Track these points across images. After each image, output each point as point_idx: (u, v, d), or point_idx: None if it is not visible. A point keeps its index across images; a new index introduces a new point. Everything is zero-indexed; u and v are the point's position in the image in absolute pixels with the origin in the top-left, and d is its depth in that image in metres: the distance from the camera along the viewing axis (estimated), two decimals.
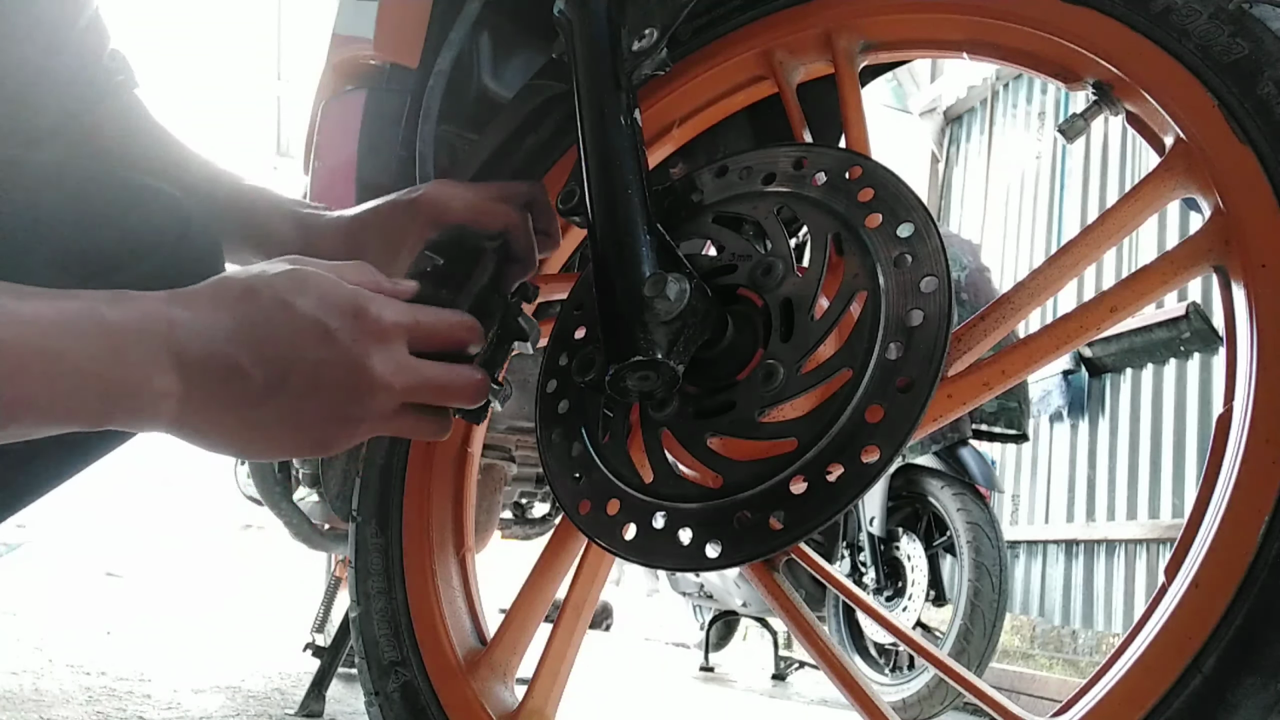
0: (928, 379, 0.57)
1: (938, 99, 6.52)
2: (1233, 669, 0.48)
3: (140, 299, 0.55)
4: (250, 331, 0.56)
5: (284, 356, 0.57)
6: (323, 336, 0.58)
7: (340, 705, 2.01)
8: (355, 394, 0.59)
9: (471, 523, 0.95)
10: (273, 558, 6.26)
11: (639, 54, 0.73)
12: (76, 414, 0.51)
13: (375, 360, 0.59)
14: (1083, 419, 4.68)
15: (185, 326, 0.55)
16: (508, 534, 2.01)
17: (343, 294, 0.60)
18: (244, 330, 0.56)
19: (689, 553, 0.62)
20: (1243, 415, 0.53)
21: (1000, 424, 3.39)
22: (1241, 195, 0.56)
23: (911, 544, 3.33)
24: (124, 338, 0.52)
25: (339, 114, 1.16)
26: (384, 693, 0.85)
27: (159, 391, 0.54)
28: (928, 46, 0.79)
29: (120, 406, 0.53)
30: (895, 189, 0.64)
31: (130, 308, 0.54)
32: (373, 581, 0.90)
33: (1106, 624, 4.26)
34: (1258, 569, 0.49)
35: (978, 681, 0.60)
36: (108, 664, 2.01)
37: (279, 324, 0.57)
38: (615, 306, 0.66)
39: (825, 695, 3.94)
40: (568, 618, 0.80)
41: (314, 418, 0.59)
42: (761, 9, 0.85)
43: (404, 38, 1.03)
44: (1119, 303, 0.61)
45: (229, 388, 0.56)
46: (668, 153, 0.94)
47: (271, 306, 0.57)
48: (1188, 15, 0.60)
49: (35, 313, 0.49)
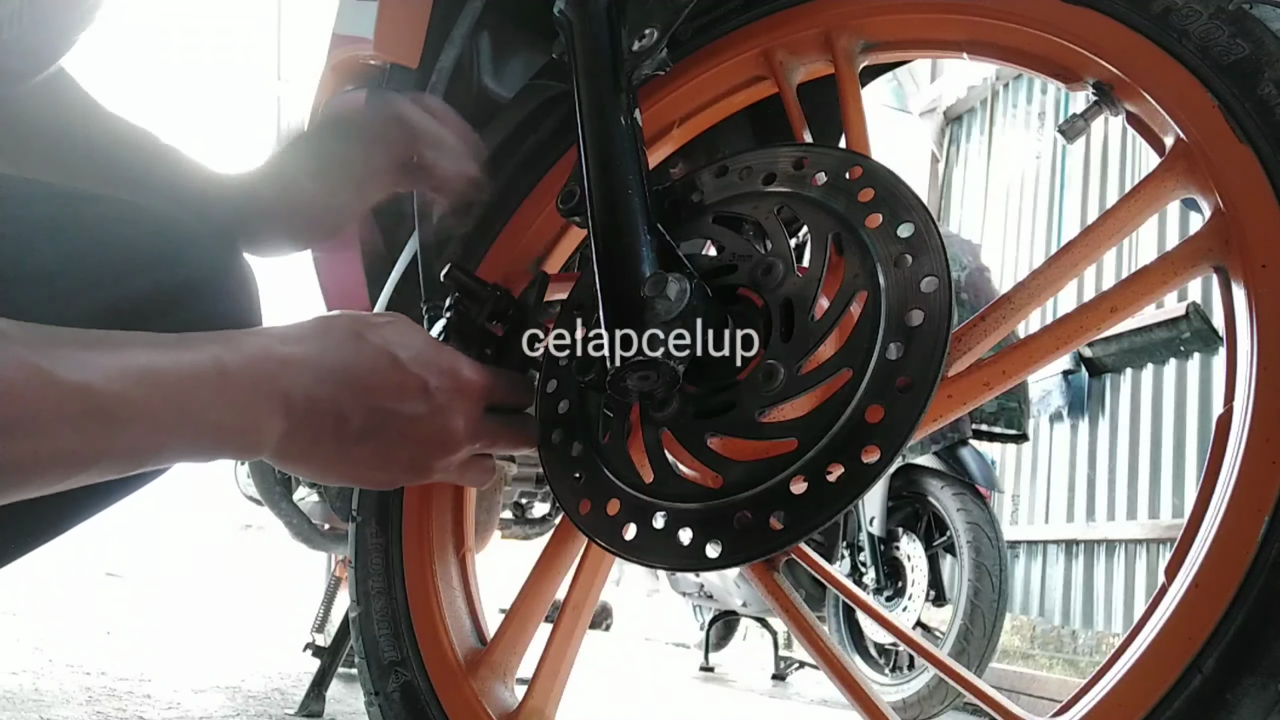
0: (928, 379, 0.57)
1: (938, 99, 6.52)
2: (1233, 669, 0.48)
3: (253, 340, 0.59)
4: (358, 380, 0.61)
5: (384, 407, 0.62)
6: (421, 392, 0.63)
7: (340, 705, 2.01)
8: (439, 448, 0.65)
9: (471, 523, 0.95)
10: (273, 558, 6.26)
11: (639, 54, 0.73)
12: (194, 455, 0.56)
13: (460, 420, 0.65)
14: (1083, 419, 4.68)
15: (295, 366, 0.59)
16: (508, 534, 2.02)
17: (442, 354, 0.66)
18: (352, 377, 0.61)
19: (689, 553, 0.62)
20: (1243, 415, 0.53)
21: (1000, 424, 3.39)
22: (1242, 195, 0.56)
23: (911, 544, 3.33)
24: (241, 388, 0.56)
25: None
26: (384, 693, 0.85)
27: (267, 431, 0.58)
28: (928, 47, 0.79)
29: (231, 446, 0.57)
30: (895, 189, 0.64)
31: (245, 352, 0.57)
32: (373, 581, 0.90)
33: (1106, 624, 4.26)
34: (1258, 569, 0.49)
35: (978, 681, 0.60)
36: (108, 664, 2.01)
37: (384, 374, 0.62)
38: (615, 306, 0.66)
39: (825, 695, 3.94)
40: (568, 618, 0.80)
41: (397, 463, 0.64)
42: (762, 9, 0.85)
43: (404, 38, 1.03)
44: (1119, 303, 0.61)
45: (329, 427, 0.60)
46: (668, 153, 0.94)
47: (378, 356, 0.62)
48: (1188, 16, 0.60)
49: (168, 367, 0.53)
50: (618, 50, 0.73)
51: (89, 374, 0.49)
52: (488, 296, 0.78)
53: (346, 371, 0.61)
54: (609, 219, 0.69)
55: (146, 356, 0.52)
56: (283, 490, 1.85)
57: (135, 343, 0.53)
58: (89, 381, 0.49)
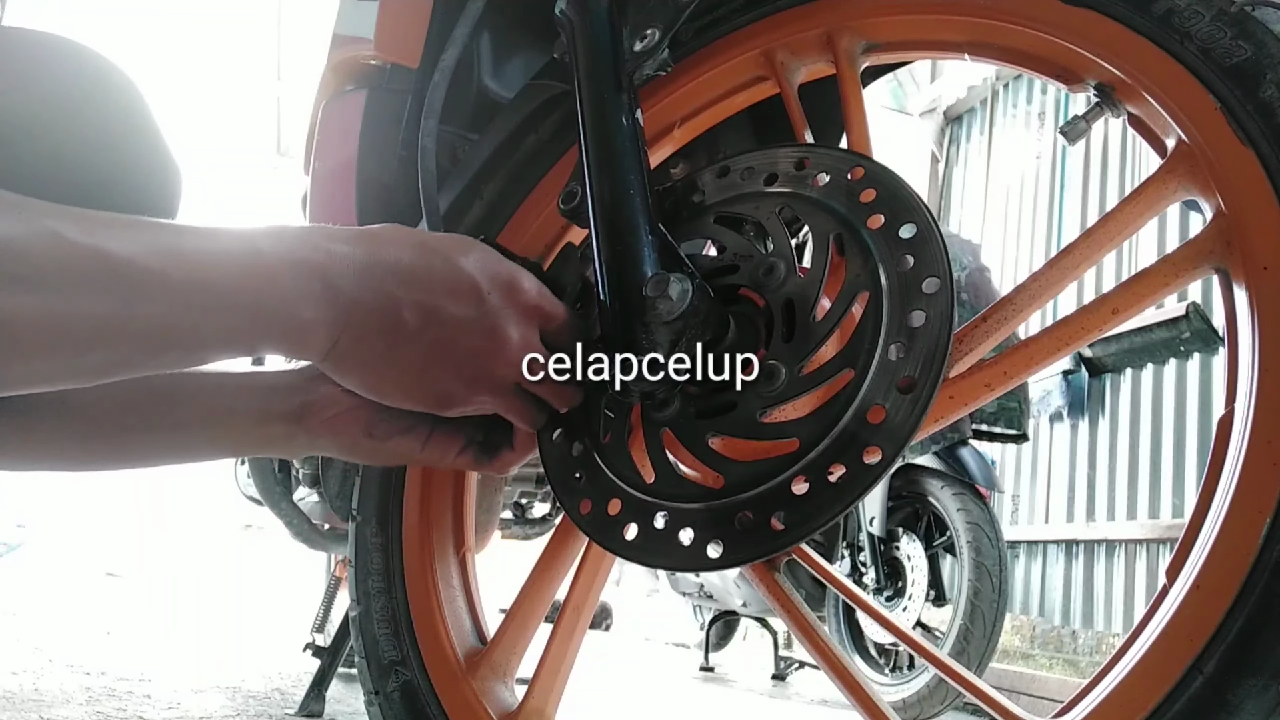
0: (930, 380, 0.57)
1: (938, 99, 6.52)
2: (1234, 671, 0.48)
3: (301, 232, 0.57)
4: (410, 274, 0.59)
5: (436, 306, 0.60)
6: (475, 295, 0.61)
7: (340, 705, 2.01)
8: (488, 357, 0.62)
9: (471, 523, 0.95)
10: (273, 558, 6.26)
11: (640, 54, 0.73)
12: (230, 343, 0.54)
13: (514, 331, 0.63)
14: (1083, 419, 4.68)
15: (345, 260, 0.57)
16: (508, 534, 2.01)
17: (503, 265, 0.64)
18: (404, 271, 0.59)
19: (690, 553, 0.62)
20: (1244, 417, 0.53)
21: (1000, 424, 3.39)
22: (1243, 197, 0.56)
23: (911, 544, 3.33)
24: (278, 269, 0.54)
25: (339, 114, 1.16)
26: (384, 692, 0.85)
27: (310, 319, 0.55)
28: (929, 48, 0.79)
29: (271, 334, 0.55)
30: (897, 190, 0.64)
31: (288, 241, 0.55)
32: (372, 581, 0.90)
33: (1106, 624, 4.26)
34: (1259, 571, 0.49)
35: (978, 681, 0.60)
36: (108, 664, 2.01)
37: (439, 274, 0.60)
38: (617, 306, 0.66)
39: (825, 695, 3.94)
40: (568, 618, 0.80)
41: (445, 370, 0.61)
42: (763, 10, 0.84)
43: (404, 38, 1.03)
44: (1120, 304, 0.61)
45: (381, 324, 0.58)
46: (669, 153, 0.94)
47: (434, 258, 0.61)
48: (1190, 17, 0.60)
49: (194, 247, 0.51)
50: (619, 50, 0.73)
51: (103, 240, 0.47)
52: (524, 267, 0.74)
53: (397, 266, 0.59)
54: (610, 219, 0.69)
55: (170, 234, 0.51)
56: (283, 490, 1.85)
57: (157, 225, 0.51)
58: (104, 246, 0.47)
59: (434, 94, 0.88)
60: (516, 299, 0.63)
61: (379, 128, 1.11)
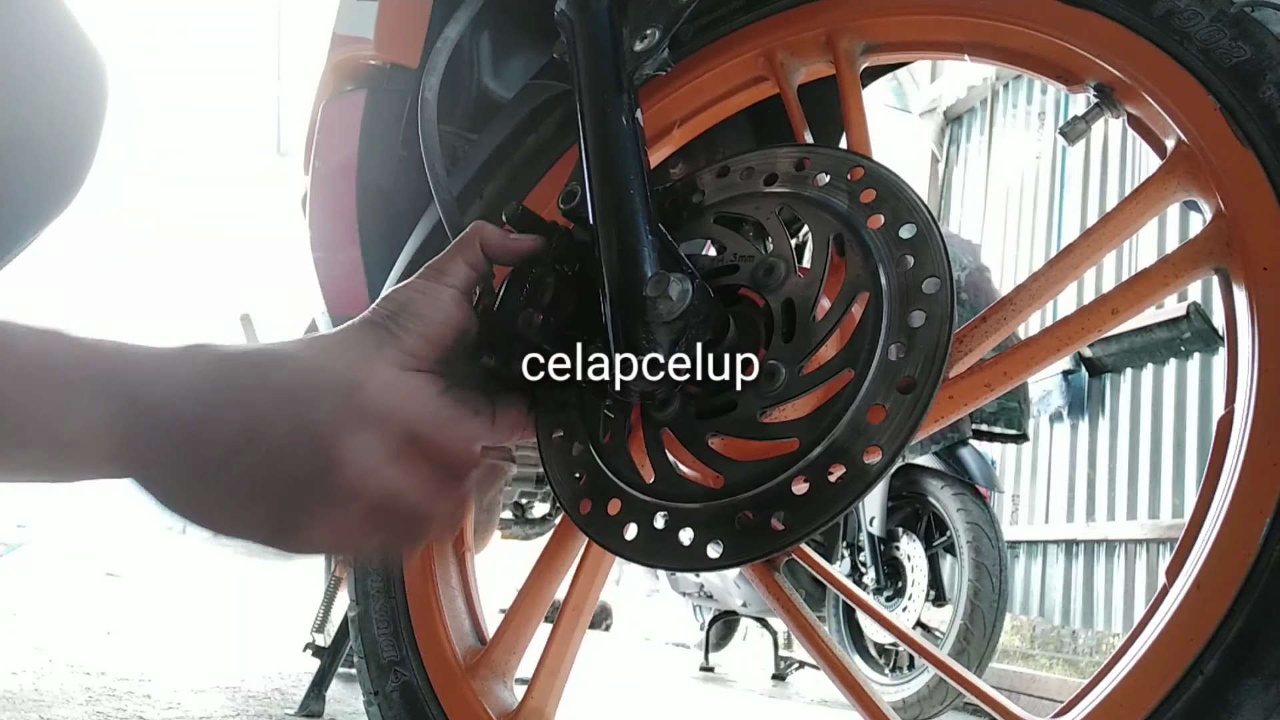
0: (930, 380, 0.57)
1: (938, 99, 6.52)
2: (1234, 670, 0.48)
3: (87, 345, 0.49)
4: (217, 393, 0.50)
5: (249, 421, 0.49)
6: (296, 408, 0.50)
7: (340, 705, 2.01)
8: (317, 487, 0.50)
9: (471, 523, 0.95)
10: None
11: (641, 54, 0.73)
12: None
13: (351, 450, 0.50)
14: (1083, 419, 4.68)
15: (136, 370, 0.49)
16: (508, 534, 2.02)
17: (336, 370, 0.52)
18: (208, 390, 0.50)
19: (690, 553, 0.62)
20: (1244, 417, 0.53)
21: (1000, 424, 3.39)
22: (1243, 198, 0.56)
23: (911, 544, 3.33)
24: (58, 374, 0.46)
25: (339, 114, 1.16)
26: (383, 692, 0.85)
27: (88, 423, 0.47)
28: (929, 48, 0.79)
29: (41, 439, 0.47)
30: (897, 190, 0.64)
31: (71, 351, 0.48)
32: (372, 581, 0.90)
33: (1106, 624, 4.26)
34: (1259, 571, 0.49)
35: (978, 681, 0.60)
36: (108, 664, 2.01)
37: (253, 392, 0.50)
38: (617, 306, 0.66)
39: (825, 695, 3.94)
40: (568, 618, 0.80)
41: (270, 499, 0.50)
42: (763, 10, 0.84)
43: (404, 38, 1.03)
44: (1120, 305, 0.61)
45: (179, 445, 0.49)
46: (668, 153, 0.94)
47: (246, 374, 0.51)
48: (1190, 18, 0.60)
49: None
50: (619, 50, 0.73)
51: None
52: (554, 234, 0.70)
53: (205, 387, 0.50)
54: (610, 219, 0.69)
55: None
56: None
57: None
58: None
59: (435, 57, 0.88)
60: (359, 405, 0.52)
61: (379, 128, 1.11)
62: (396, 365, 0.56)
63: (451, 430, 0.56)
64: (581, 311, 0.67)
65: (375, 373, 0.53)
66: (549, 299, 0.66)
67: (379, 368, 0.54)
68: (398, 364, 0.56)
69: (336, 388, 0.52)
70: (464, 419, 0.58)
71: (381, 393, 0.53)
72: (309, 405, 0.50)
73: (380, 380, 0.53)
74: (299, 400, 0.50)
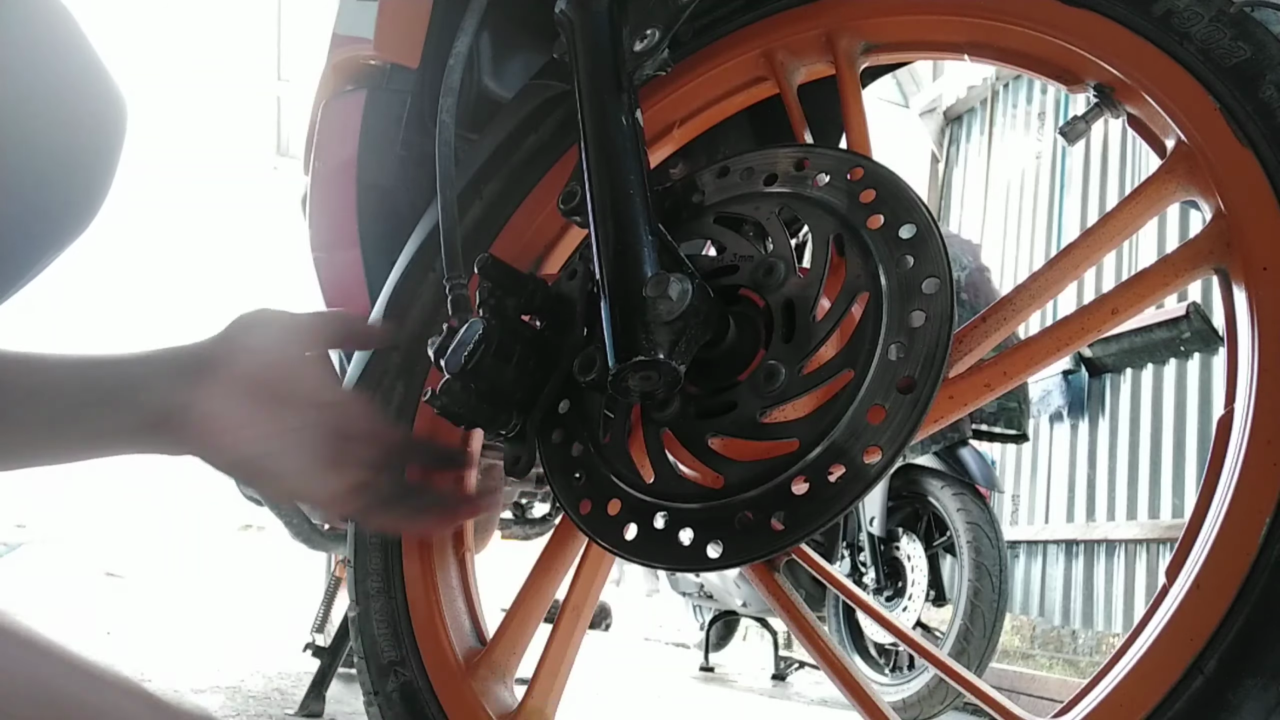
0: (929, 380, 0.57)
1: (938, 99, 6.52)
2: (1234, 670, 0.48)
3: None
4: None
5: None
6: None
7: (340, 705, 2.01)
8: None
9: (471, 523, 0.95)
10: (273, 558, 6.26)
11: (640, 54, 0.73)
12: None
13: None
14: (1083, 419, 4.68)
15: None
16: (508, 534, 2.01)
17: None
18: None
19: (690, 553, 0.62)
20: (1244, 417, 0.53)
21: (1000, 424, 3.39)
22: (1243, 198, 0.56)
23: (911, 544, 3.33)
24: None
25: (339, 114, 1.16)
26: (383, 692, 0.85)
27: None
28: (929, 48, 0.79)
29: None
30: (897, 190, 0.64)
31: None
32: (372, 581, 0.90)
33: (1106, 624, 4.26)
34: (1259, 571, 0.49)
35: (978, 681, 0.60)
36: (107, 664, 2.01)
37: None
38: (617, 307, 0.66)
39: (825, 695, 3.94)
40: (568, 618, 0.80)
41: None
42: (763, 10, 0.84)
43: (404, 38, 1.03)
44: (1120, 305, 0.61)
45: None
46: (668, 153, 0.94)
47: None
48: (1189, 18, 0.60)
49: None
50: (619, 50, 0.73)
51: None
52: (525, 287, 0.73)
53: None
54: (610, 219, 0.69)
55: None
56: None
57: None
58: None
59: (450, 76, 0.88)
60: None
61: (379, 128, 1.11)
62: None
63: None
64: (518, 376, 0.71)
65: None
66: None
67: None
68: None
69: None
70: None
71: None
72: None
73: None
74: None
